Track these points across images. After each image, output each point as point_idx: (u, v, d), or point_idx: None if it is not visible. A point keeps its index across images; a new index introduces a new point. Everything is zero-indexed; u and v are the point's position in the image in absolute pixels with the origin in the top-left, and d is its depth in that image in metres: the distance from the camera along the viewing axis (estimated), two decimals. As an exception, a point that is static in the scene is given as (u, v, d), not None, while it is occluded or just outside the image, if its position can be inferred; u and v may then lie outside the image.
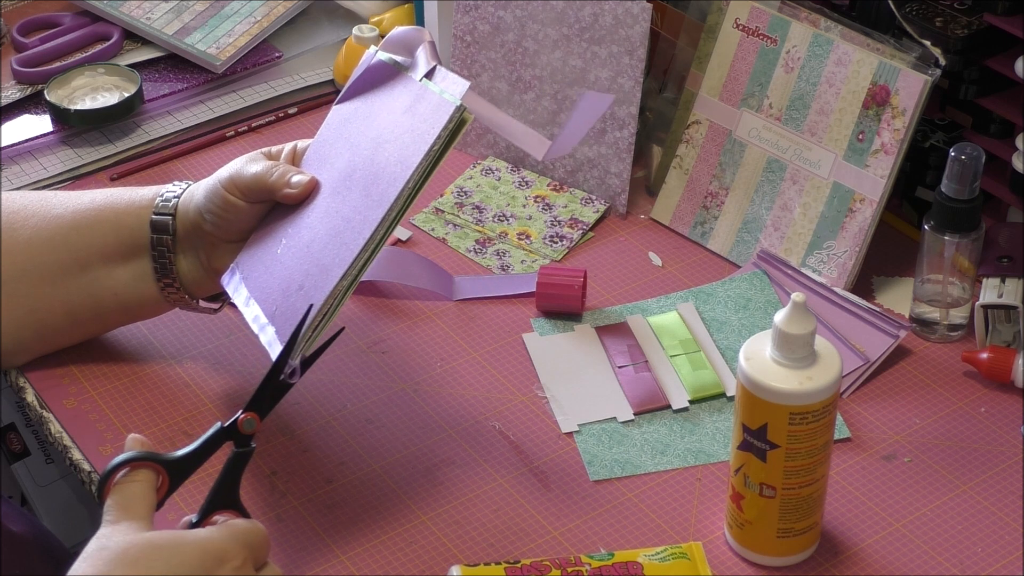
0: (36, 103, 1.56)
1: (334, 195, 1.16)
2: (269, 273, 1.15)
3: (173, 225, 1.20)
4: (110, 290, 1.22)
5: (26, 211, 1.23)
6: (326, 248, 1.12)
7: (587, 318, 1.32)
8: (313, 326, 1.09)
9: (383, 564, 1.10)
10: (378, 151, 1.15)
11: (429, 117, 1.12)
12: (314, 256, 1.13)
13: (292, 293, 1.12)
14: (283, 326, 1.11)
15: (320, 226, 1.15)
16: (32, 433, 1.67)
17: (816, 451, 1.05)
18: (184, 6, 1.67)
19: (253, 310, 1.15)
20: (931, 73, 1.28)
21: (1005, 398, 1.24)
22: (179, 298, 1.22)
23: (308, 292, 1.11)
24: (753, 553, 1.10)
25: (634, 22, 1.38)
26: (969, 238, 1.26)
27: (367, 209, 1.12)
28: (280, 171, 1.17)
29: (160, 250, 1.20)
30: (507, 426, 1.22)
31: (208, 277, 1.21)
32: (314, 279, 1.11)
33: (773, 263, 1.35)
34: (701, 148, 1.41)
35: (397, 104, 1.17)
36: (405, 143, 1.13)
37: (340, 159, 1.18)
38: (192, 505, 1.15)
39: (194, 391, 1.25)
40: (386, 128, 1.16)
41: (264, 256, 1.17)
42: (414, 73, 1.17)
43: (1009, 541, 1.12)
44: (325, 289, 1.10)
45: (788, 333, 1.03)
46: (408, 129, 1.13)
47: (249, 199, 1.18)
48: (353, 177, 1.15)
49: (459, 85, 1.12)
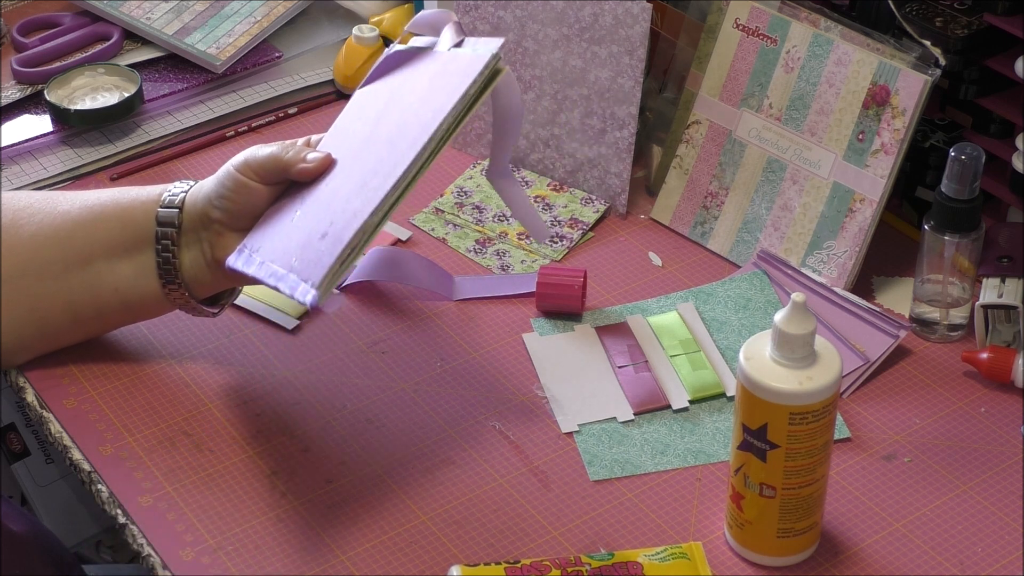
0: (36, 103, 1.56)
1: (354, 159, 1.16)
2: (285, 237, 1.14)
3: (179, 218, 1.20)
4: (111, 286, 1.22)
5: (32, 208, 1.23)
6: (352, 198, 1.12)
7: (587, 318, 1.32)
8: (342, 259, 1.09)
9: (383, 564, 1.10)
10: (404, 112, 1.15)
11: (461, 71, 1.13)
12: (338, 206, 1.12)
13: (314, 242, 1.11)
14: (305, 269, 1.10)
15: (343, 186, 1.14)
16: (32, 433, 1.67)
17: (816, 451, 1.05)
18: (184, 6, 1.67)
19: (268, 269, 1.13)
20: (931, 73, 1.28)
21: (1005, 398, 1.24)
22: (179, 295, 1.22)
23: (334, 235, 1.10)
24: (753, 553, 1.10)
25: (634, 22, 1.38)
26: (969, 238, 1.26)
27: (397, 155, 1.11)
28: (295, 149, 1.18)
29: (164, 243, 1.20)
30: (507, 426, 1.22)
31: (210, 272, 1.21)
32: (340, 225, 1.11)
33: (773, 263, 1.35)
34: (701, 148, 1.41)
35: (422, 76, 1.17)
36: (435, 96, 1.13)
37: (359, 136, 1.18)
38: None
39: (194, 391, 1.25)
40: (412, 95, 1.16)
41: (277, 228, 1.16)
42: (440, 46, 1.18)
43: (1009, 541, 1.12)
44: (354, 226, 1.09)
45: (788, 333, 1.03)
46: (438, 87, 1.14)
47: (264, 179, 1.18)
48: (374, 138, 1.15)
49: (493, 43, 1.13)
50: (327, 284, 1.09)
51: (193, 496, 1.16)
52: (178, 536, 1.12)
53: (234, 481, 1.17)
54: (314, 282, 1.09)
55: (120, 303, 1.23)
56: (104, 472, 1.17)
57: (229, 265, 1.17)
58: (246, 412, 1.23)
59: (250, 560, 1.10)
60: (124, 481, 1.17)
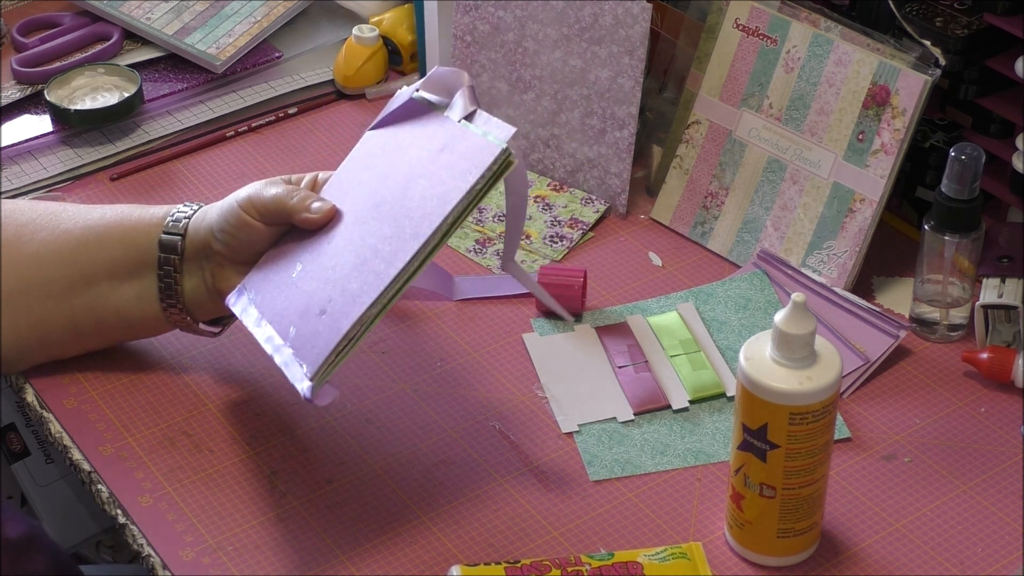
0: (36, 103, 1.56)
1: (359, 224, 1.15)
2: (284, 296, 1.15)
3: (182, 245, 1.20)
4: (113, 306, 1.22)
5: (35, 224, 1.23)
6: (352, 275, 1.12)
7: (587, 318, 1.32)
8: (338, 351, 1.09)
9: (383, 564, 1.10)
10: (411, 185, 1.14)
11: (472, 156, 1.11)
12: (338, 282, 1.12)
13: (312, 317, 1.11)
14: (302, 348, 1.10)
15: (344, 254, 1.14)
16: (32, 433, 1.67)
17: (816, 451, 1.05)
18: (184, 6, 1.66)
19: (266, 331, 1.14)
20: (931, 73, 1.28)
21: (1005, 398, 1.24)
22: (180, 319, 1.22)
23: (332, 317, 1.10)
24: (753, 553, 1.10)
25: (634, 22, 1.38)
26: (969, 238, 1.26)
27: (400, 241, 1.11)
28: (301, 195, 1.17)
29: (166, 269, 1.20)
30: (507, 426, 1.22)
31: (211, 299, 1.21)
32: (339, 305, 1.10)
33: (773, 263, 1.35)
34: (701, 148, 1.41)
35: (432, 143, 1.16)
36: (443, 179, 1.12)
37: (364, 190, 1.17)
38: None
39: (194, 391, 1.25)
40: (419, 164, 1.15)
41: (277, 279, 1.16)
42: (451, 113, 1.17)
43: (1009, 541, 1.12)
44: (352, 315, 1.09)
45: (788, 333, 1.03)
46: (447, 166, 1.13)
47: (266, 220, 1.17)
48: (381, 208, 1.14)
49: (505, 130, 1.12)
50: (322, 375, 1.09)
51: (193, 496, 1.16)
52: (178, 536, 1.12)
53: (234, 481, 1.17)
54: (309, 373, 1.09)
55: (121, 323, 1.23)
56: (104, 472, 1.17)
57: (228, 306, 1.18)
58: (246, 412, 1.23)
59: (250, 560, 1.10)
60: (124, 481, 1.17)
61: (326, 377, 1.09)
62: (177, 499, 1.15)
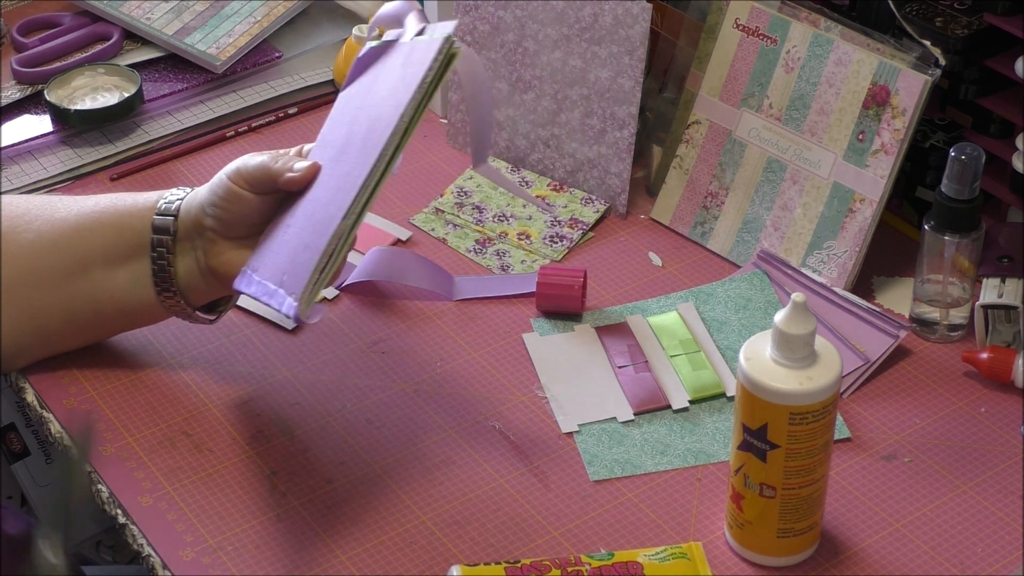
0: (36, 103, 1.56)
1: (333, 164, 1.16)
2: (277, 253, 1.15)
3: (174, 226, 1.20)
4: (108, 293, 1.22)
5: (30, 215, 1.23)
6: (328, 206, 1.12)
7: (587, 318, 1.32)
8: (320, 267, 1.09)
9: (383, 564, 1.10)
10: (372, 110, 1.15)
11: (420, 59, 1.13)
12: (317, 216, 1.13)
13: (299, 254, 1.12)
14: (291, 283, 1.11)
15: (320, 193, 1.15)
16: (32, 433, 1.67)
17: (816, 451, 1.05)
18: (184, 6, 1.67)
19: (262, 287, 1.14)
20: (931, 73, 1.28)
21: (1005, 398, 1.24)
22: (175, 303, 1.22)
23: (312, 244, 1.11)
24: (753, 553, 1.10)
25: (634, 22, 1.38)
26: (969, 238, 1.26)
27: (365, 156, 1.12)
28: (284, 159, 1.18)
29: (159, 251, 1.20)
30: (507, 426, 1.22)
31: (204, 280, 1.21)
32: (319, 232, 1.11)
33: (773, 263, 1.35)
34: (701, 148, 1.41)
35: (390, 71, 1.17)
36: (398, 88, 1.13)
37: (338, 140, 1.18)
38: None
39: (194, 391, 1.25)
40: (378, 92, 1.17)
41: (273, 246, 1.16)
42: (404, 38, 1.18)
43: (1009, 541, 1.12)
44: (328, 232, 1.10)
45: (788, 333, 1.03)
46: (401, 79, 1.14)
47: (254, 189, 1.18)
48: (351, 141, 1.15)
49: (447, 25, 1.14)
50: (307, 295, 1.09)
51: (193, 496, 1.16)
52: (178, 536, 1.12)
53: (234, 481, 1.17)
54: (296, 295, 1.09)
55: (118, 310, 1.23)
56: (104, 472, 1.17)
57: (235, 288, 1.18)
58: (246, 412, 1.23)
59: (250, 560, 1.10)
60: (124, 481, 1.17)
61: (314, 298, 1.10)
62: (177, 499, 1.15)
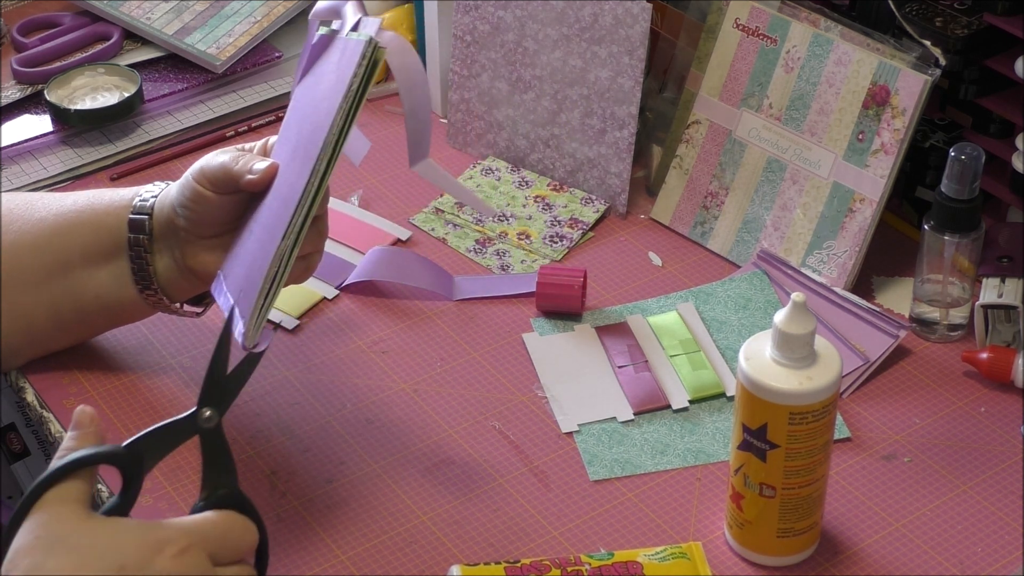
0: (36, 103, 1.56)
1: (288, 163, 1.14)
2: (240, 264, 1.14)
3: (150, 224, 1.19)
4: (92, 292, 1.21)
5: (10, 216, 1.22)
6: (277, 217, 1.11)
7: (587, 318, 1.32)
8: (264, 292, 1.08)
9: (383, 564, 1.10)
10: (314, 110, 1.14)
11: (348, 62, 1.11)
12: (269, 227, 1.11)
13: (252, 271, 1.11)
14: (244, 305, 1.10)
15: (273, 201, 1.13)
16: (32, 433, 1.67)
17: (816, 451, 1.05)
18: (184, 6, 1.67)
19: (227, 301, 1.13)
20: (931, 73, 1.28)
21: (1005, 398, 1.24)
22: (157, 300, 1.21)
23: (259, 263, 1.10)
24: (753, 553, 1.10)
25: (634, 22, 1.38)
26: (969, 238, 1.26)
27: (304, 166, 1.10)
28: (245, 159, 1.15)
29: (136, 250, 1.19)
30: (507, 426, 1.22)
31: (184, 278, 1.20)
32: (266, 251, 1.10)
33: (773, 263, 1.35)
34: (701, 148, 1.41)
35: (328, 68, 1.15)
36: (331, 91, 1.11)
37: (292, 135, 1.16)
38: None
39: (194, 391, 1.24)
40: (318, 92, 1.15)
41: (238, 252, 1.15)
42: (342, 31, 1.16)
43: (1009, 541, 1.12)
44: (269, 252, 1.08)
45: (788, 333, 1.03)
46: (335, 81, 1.12)
47: (217, 189, 1.15)
48: (299, 142, 1.14)
49: (371, 25, 1.11)
50: (255, 320, 1.08)
51: (193, 496, 1.15)
52: (178, 536, 1.12)
53: (234, 481, 1.17)
54: (245, 319, 1.08)
55: (102, 308, 1.22)
56: (104, 472, 1.17)
57: (212, 294, 1.17)
58: (246, 412, 1.23)
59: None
60: (124, 481, 1.17)
61: (261, 323, 1.08)
62: (177, 499, 1.15)
